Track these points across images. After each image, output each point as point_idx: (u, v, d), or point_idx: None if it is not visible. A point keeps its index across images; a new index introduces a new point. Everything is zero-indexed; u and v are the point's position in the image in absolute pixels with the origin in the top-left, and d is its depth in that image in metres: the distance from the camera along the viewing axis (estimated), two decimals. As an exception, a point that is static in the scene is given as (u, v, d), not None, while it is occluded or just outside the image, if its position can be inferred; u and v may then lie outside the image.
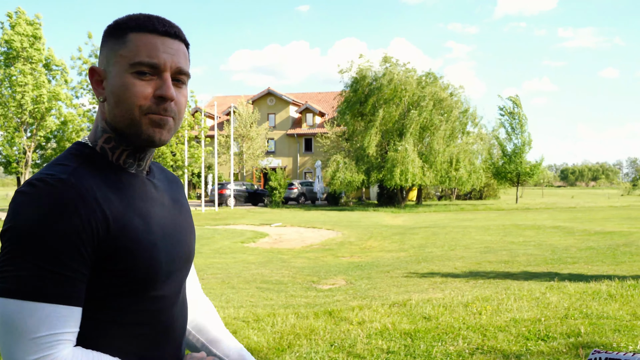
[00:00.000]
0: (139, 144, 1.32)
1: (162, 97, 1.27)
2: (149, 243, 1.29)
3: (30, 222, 1.14)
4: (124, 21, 1.31)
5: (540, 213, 30.48)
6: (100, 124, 1.34)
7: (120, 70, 1.27)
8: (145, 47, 1.27)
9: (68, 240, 1.16)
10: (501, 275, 10.20)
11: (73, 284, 1.17)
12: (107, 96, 1.30)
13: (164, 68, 1.28)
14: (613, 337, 5.65)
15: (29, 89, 26.41)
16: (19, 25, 26.94)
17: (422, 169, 37.31)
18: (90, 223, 1.19)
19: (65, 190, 1.17)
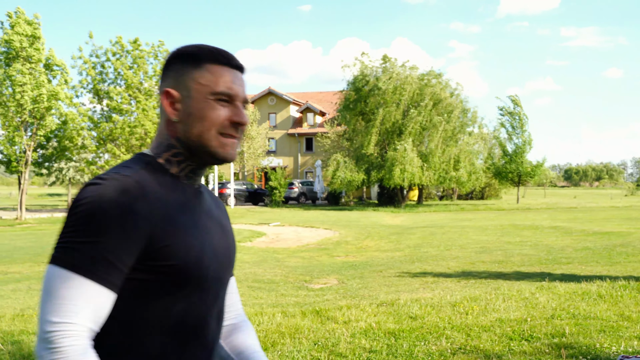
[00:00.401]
0: (209, 161, 1.46)
1: (239, 123, 1.44)
2: (197, 247, 1.38)
3: (95, 207, 1.24)
4: (199, 51, 1.45)
5: (540, 213, 30.42)
6: (166, 140, 1.45)
7: (200, 97, 1.41)
8: (223, 79, 1.42)
9: (122, 230, 1.25)
10: (493, 275, 10.18)
11: (116, 269, 1.25)
12: (183, 117, 1.42)
13: (237, 98, 1.44)
14: (598, 338, 5.63)
15: (29, 88, 26.40)
16: (18, 25, 26.91)
17: (421, 168, 37.25)
18: (148, 219, 1.29)
19: (129, 185, 1.29)
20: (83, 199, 1.26)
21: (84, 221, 1.24)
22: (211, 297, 1.45)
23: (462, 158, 38.78)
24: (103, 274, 1.24)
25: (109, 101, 30.10)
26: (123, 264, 1.26)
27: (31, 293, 9.22)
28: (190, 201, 1.45)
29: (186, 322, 1.38)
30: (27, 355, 5.41)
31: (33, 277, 11.22)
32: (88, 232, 1.23)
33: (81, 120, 29.90)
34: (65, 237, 1.25)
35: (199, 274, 1.38)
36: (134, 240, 1.27)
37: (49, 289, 1.22)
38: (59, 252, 1.24)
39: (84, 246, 1.22)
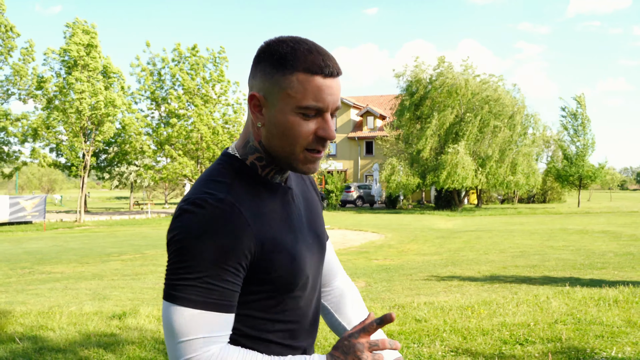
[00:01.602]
0: (290, 170, 1.44)
1: (324, 138, 1.37)
2: (294, 254, 1.41)
3: (196, 238, 1.26)
4: (291, 56, 1.35)
5: (597, 217, 29.62)
6: (252, 143, 1.44)
7: (286, 108, 1.34)
8: (312, 91, 1.33)
9: (227, 256, 1.28)
10: (520, 280, 10.12)
11: (229, 294, 1.29)
12: (268, 125, 1.38)
13: (327, 110, 1.36)
14: (594, 343, 5.62)
15: (87, 95, 27.58)
16: (76, 34, 28.20)
17: (475, 172, 36.82)
18: (247, 240, 1.31)
19: (225, 210, 1.29)
20: (182, 231, 1.28)
21: (190, 254, 1.26)
22: (310, 290, 1.51)
23: (520, 161, 38.10)
24: (220, 301, 1.28)
25: (167, 106, 31.05)
26: (235, 285, 1.31)
27: (65, 292, 9.71)
28: (283, 204, 1.47)
29: (292, 319, 1.46)
30: (39, 349, 5.81)
31: (73, 277, 11.79)
32: (196, 265, 1.25)
33: (139, 126, 30.91)
34: (176, 273, 1.27)
35: (300, 277, 1.43)
36: (241, 262, 1.30)
37: (171, 328, 1.27)
38: (171, 289, 1.27)
39: (195, 280, 1.25)
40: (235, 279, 1.30)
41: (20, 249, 17.53)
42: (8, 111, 32.42)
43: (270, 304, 1.40)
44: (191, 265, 1.25)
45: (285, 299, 1.42)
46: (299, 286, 1.44)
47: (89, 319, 7.27)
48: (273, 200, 1.44)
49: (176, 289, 1.26)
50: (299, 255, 1.43)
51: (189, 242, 1.26)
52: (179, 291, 1.25)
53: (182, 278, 1.26)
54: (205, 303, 1.26)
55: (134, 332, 6.55)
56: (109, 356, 5.66)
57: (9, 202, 27.49)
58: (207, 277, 1.26)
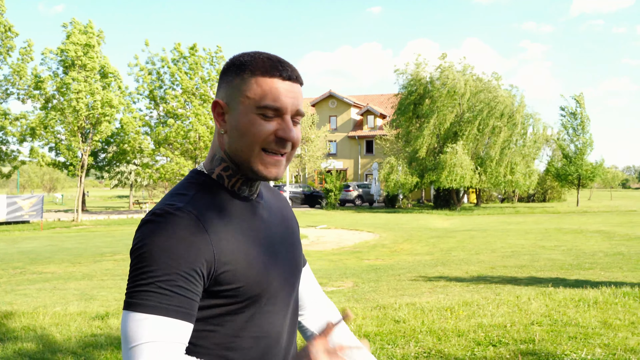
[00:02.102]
0: (253, 177, 1.44)
1: (283, 139, 1.39)
2: (259, 265, 1.40)
3: (155, 246, 1.26)
4: (250, 62, 1.41)
5: (594, 216, 29.65)
6: (218, 153, 1.46)
7: (246, 110, 1.38)
8: (270, 92, 1.37)
9: (185, 263, 1.27)
10: (505, 280, 10.17)
11: (187, 302, 1.27)
12: (230, 130, 1.41)
13: (286, 111, 1.39)
14: (566, 345, 5.67)
15: (83, 95, 27.69)
16: (73, 34, 28.34)
17: (473, 171, 36.86)
18: (204, 248, 1.30)
19: (183, 218, 1.30)
20: (140, 241, 1.29)
21: (145, 262, 1.26)
22: (282, 304, 1.48)
23: (519, 161, 38.13)
24: (175, 307, 1.26)
25: (165, 105, 31.16)
26: (192, 293, 1.28)
27: (53, 292, 9.78)
28: (249, 216, 1.46)
29: (261, 335, 1.42)
30: (18, 351, 5.87)
31: (63, 277, 11.86)
32: (151, 272, 1.25)
33: (136, 125, 31.01)
34: (132, 281, 1.28)
35: (264, 290, 1.41)
36: (197, 270, 1.29)
37: (125, 334, 1.25)
38: (129, 297, 1.27)
39: (150, 285, 1.25)
40: (190, 286, 1.28)
41: (14, 249, 17.61)
42: (7, 111, 32.56)
43: (237, 320, 1.38)
44: (146, 272, 1.25)
45: (253, 314, 1.40)
46: (266, 300, 1.42)
47: (72, 319, 7.33)
48: (239, 213, 1.44)
49: (131, 296, 1.26)
50: (263, 268, 1.41)
51: (144, 250, 1.27)
52: (133, 298, 1.25)
53: (137, 285, 1.26)
54: (156, 307, 1.24)
55: (115, 333, 6.61)
56: (85, 357, 5.72)
57: (6, 201, 27.61)
58: (160, 282, 1.25)
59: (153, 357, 1.21)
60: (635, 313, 6.90)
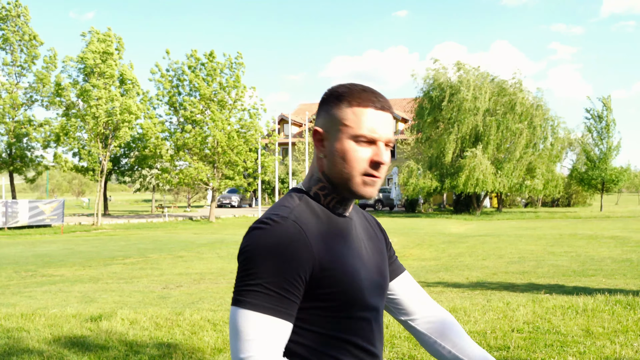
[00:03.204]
0: (350, 196, 1.59)
1: (378, 163, 1.53)
2: (353, 272, 1.53)
3: (263, 250, 1.42)
4: (347, 94, 1.56)
5: (615, 222, 29.26)
6: (316, 174, 1.61)
7: (343, 137, 1.53)
8: (367, 122, 1.52)
9: (289, 266, 1.42)
10: (502, 287, 10.15)
11: (290, 304, 1.42)
12: (329, 155, 1.56)
13: (380, 139, 1.53)
14: (540, 352, 5.69)
15: (103, 102, 28.19)
16: (92, 43, 28.93)
17: (494, 176, 36.61)
18: (308, 254, 1.45)
19: (289, 226, 1.46)
20: (249, 245, 1.45)
21: (255, 264, 1.41)
22: (371, 315, 1.59)
23: (539, 165, 37.76)
24: (279, 307, 1.40)
25: (183, 112, 31.55)
26: (294, 295, 1.43)
27: (57, 295, 10.01)
28: (343, 230, 1.59)
29: (350, 339, 1.54)
30: (8, 350, 6.06)
31: (71, 280, 12.11)
32: (259, 274, 1.40)
33: (156, 130, 31.42)
34: (241, 280, 1.43)
35: (358, 297, 1.53)
36: (300, 274, 1.43)
37: (234, 329, 1.40)
38: (237, 294, 1.42)
39: (257, 287, 1.39)
40: (293, 290, 1.43)
41: (30, 252, 17.99)
42: (32, 117, 33.31)
43: (330, 323, 1.51)
44: (253, 273, 1.41)
45: (345, 320, 1.53)
46: (358, 307, 1.54)
47: (66, 321, 7.50)
48: (335, 226, 1.58)
49: (240, 294, 1.41)
50: (358, 276, 1.54)
51: (253, 253, 1.43)
52: (243, 296, 1.40)
53: (245, 284, 1.41)
54: (264, 307, 1.39)
55: (103, 335, 6.76)
56: (70, 357, 5.88)
57: (29, 205, 28.18)
58: (267, 284, 1.40)
59: (258, 354, 1.36)
60: (620, 321, 6.86)
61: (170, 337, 6.72)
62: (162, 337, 6.70)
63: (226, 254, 16.84)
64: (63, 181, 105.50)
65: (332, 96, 1.58)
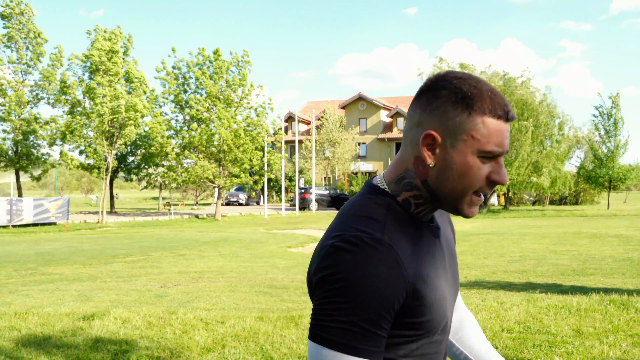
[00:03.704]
0: (449, 211, 1.38)
1: (497, 182, 1.32)
2: (441, 296, 1.36)
3: (354, 278, 1.20)
4: (477, 97, 1.30)
5: (621, 220, 29.11)
6: (410, 180, 1.36)
7: (467, 150, 1.29)
8: (497, 137, 1.29)
9: (383, 301, 1.21)
10: (500, 286, 10.11)
11: (379, 341, 1.23)
12: (441, 166, 1.31)
13: (503, 154, 1.33)
14: (528, 353, 5.66)
15: (107, 100, 28.31)
16: (97, 41, 29.10)
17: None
18: (404, 284, 1.24)
19: (384, 252, 1.23)
20: (336, 271, 1.22)
21: (344, 297, 1.20)
22: (447, 333, 1.46)
23: (546, 163, 37.62)
24: (372, 348, 1.22)
25: (189, 110, 31.63)
26: (385, 331, 1.24)
27: (54, 293, 10.05)
28: (433, 247, 1.40)
29: (426, 356, 1.39)
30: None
31: (70, 278, 12.16)
32: (352, 309, 1.20)
33: (162, 129, 31.52)
34: (326, 313, 1.22)
35: (442, 321, 1.37)
36: (395, 307, 1.24)
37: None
38: (322, 330, 1.22)
39: (349, 325, 1.20)
40: (387, 325, 1.24)
41: (33, 250, 18.08)
42: (38, 115, 33.47)
43: (411, 347, 1.34)
44: (345, 308, 1.20)
45: (425, 343, 1.36)
46: (440, 330, 1.39)
47: (59, 319, 7.53)
48: (423, 241, 1.37)
49: (329, 331, 1.20)
50: (444, 300, 1.38)
51: (342, 283, 1.21)
52: (332, 334, 1.20)
53: (335, 320, 1.20)
54: (358, 349, 1.20)
55: (94, 334, 6.79)
56: (59, 356, 5.90)
57: (34, 203, 28.33)
58: (362, 321, 1.20)
59: None
60: (612, 321, 6.83)
61: (160, 336, 6.74)
62: (152, 336, 6.71)
63: (228, 252, 16.87)
64: (72, 179, 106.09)
65: (455, 95, 1.31)
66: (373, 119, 58.15)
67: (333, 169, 52.04)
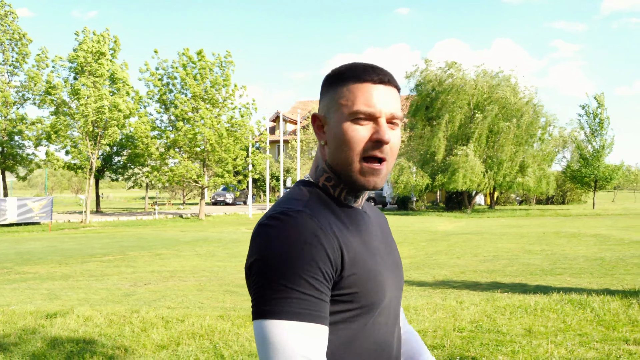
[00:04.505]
0: (353, 187, 1.43)
1: (379, 141, 1.36)
2: (375, 270, 1.38)
3: (280, 251, 1.24)
4: (343, 72, 1.42)
5: (604, 220, 29.32)
6: (320, 164, 1.48)
7: (340, 118, 1.38)
8: (362, 97, 1.36)
9: (314, 265, 1.24)
10: (465, 286, 10.21)
11: (321, 305, 1.25)
12: (328, 141, 1.42)
13: (379, 114, 1.36)
14: (474, 351, 5.77)
15: (92, 100, 28.37)
16: (84, 42, 29.24)
17: (483, 174, 36.70)
18: (330, 250, 1.28)
19: (305, 220, 1.29)
20: (263, 248, 1.27)
21: (275, 268, 1.24)
22: (391, 318, 1.47)
23: (530, 163, 37.85)
24: (313, 311, 1.24)
25: (174, 109, 31.70)
26: (325, 295, 1.27)
27: (24, 292, 10.08)
28: (359, 224, 1.45)
29: (372, 344, 1.40)
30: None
31: (43, 277, 12.19)
32: (282, 278, 1.23)
33: (146, 129, 31.57)
34: (262, 288, 1.25)
35: (381, 298, 1.39)
36: (326, 272, 1.27)
37: (267, 345, 1.22)
38: (262, 305, 1.24)
39: (284, 292, 1.22)
40: (323, 289, 1.27)
41: (13, 250, 18.07)
42: (24, 115, 33.46)
43: (351, 328, 1.36)
44: (275, 279, 1.23)
45: (367, 323, 1.38)
46: (381, 309, 1.41)
47: (22, 317, 7.59)
48: (350, 220, 1.44)
49: (266, 304, 1.23)
50: (379, 275, 1.40)
51: (270, 257, 1.25)
52: (269, 305, 1.23)
53: (269, 292, 1.23)
54: (298, 314, 1.23)
55: (53, 331, 6.85)
56: (15, 353, 5.96)
57: (17, 203, 28.27)
58: (297, 286, 1.23)
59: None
60: (565, 321, 6.95)
61: (119, 333, 6.81)
62: (111, 334, 6.79)
63: (205, 251, 16.93)
64: (63, 179, 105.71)
65: (330, 77, 1.45)
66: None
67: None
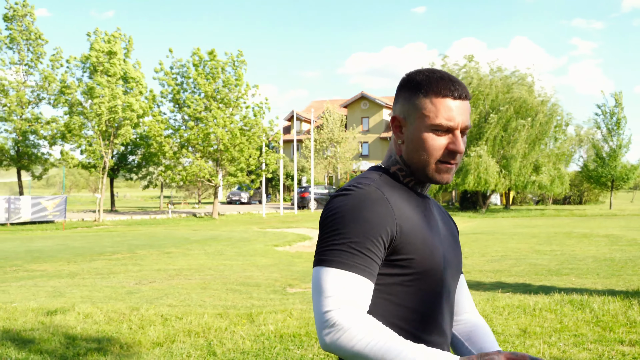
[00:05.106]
0: (426, 181, 1.66)
1: (454, 151, 1.59)
2: (432, 244, 1.59)
3: (345, 212, 1.50)
4: (425, 82, 1.61)
5: (619, 220, 29.07)
6: (394, 156, 1.69)
7: (421, 126, 1.60)
8: (444, 112, 1.57)
9: (372, 227, 1.48)
10: (469, 285, 10.16)
11: (369, 262, 1.47)
12: (407, 141, 1.64)
13: (457, 127, 1.59)
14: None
15: (105, 100, 28.62)
16: (96, 42, 29.54)
17: (498, 174, 36.44)
18: (390, 218, 1.51)
19: (371, 191, 1.54)
20: (333, 207, 1.53)
21: (338, 226, 1.48)
22: (444, 291, 1.64)
23: (545, 162, 37.53)
24: (362, 265, 1.45)
25: (187, 109, 31.86)
26: (376, 256, 1.48)
27: (30, 289, 10.16)
28: (421, 205, 1.66)
29: (424, 311, 1.59)
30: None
31: (50, 275, 12.29)
32: (344, 234, 1.47)
33: (159, 128, 31.76)
34: (325, 241, 1.50)
35: (433, 268, 1.58)
36: (382, 236, 1.49)
37: (318, 287, 1.45)
38: (320, 255, 1.49)
39: (342, 245, 1.46)
40: (375, 250, 1.48)
41: (24, 247, 18.24)
42: (39, 115, 33.83)
43: (406, 292, 1.56)
44: (338, 234, 1.48)
45: (422, 289, 1.57)
46: (434, 280, 1.59)
47: (23, 314, 7.65)
48: (414, 202, 1.64)
49: (324, 254, 1.47)
50: (435, 248, 1.60)
51: (337, 215, 1.50)
52: (326, 255, 1.47)
53: (330, 244, 1.48)
54: (348, 265, 1.44)
55: (51, 328, 6.91)
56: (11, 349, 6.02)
57: (31, 202, 28.57)
58: (353, 243, 1.46)
59: (341, 307, 1.40)
60: (562, 321, 6.88)
61: (116, 331, 6.85)
62: (108, 331, 6.83)
63: (213, 250, 16.98)
64: (80, 178, 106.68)
65: (410, 84, 1.64)
66: (375, 118, 58.17)
67: (335, 168, 52.07)
